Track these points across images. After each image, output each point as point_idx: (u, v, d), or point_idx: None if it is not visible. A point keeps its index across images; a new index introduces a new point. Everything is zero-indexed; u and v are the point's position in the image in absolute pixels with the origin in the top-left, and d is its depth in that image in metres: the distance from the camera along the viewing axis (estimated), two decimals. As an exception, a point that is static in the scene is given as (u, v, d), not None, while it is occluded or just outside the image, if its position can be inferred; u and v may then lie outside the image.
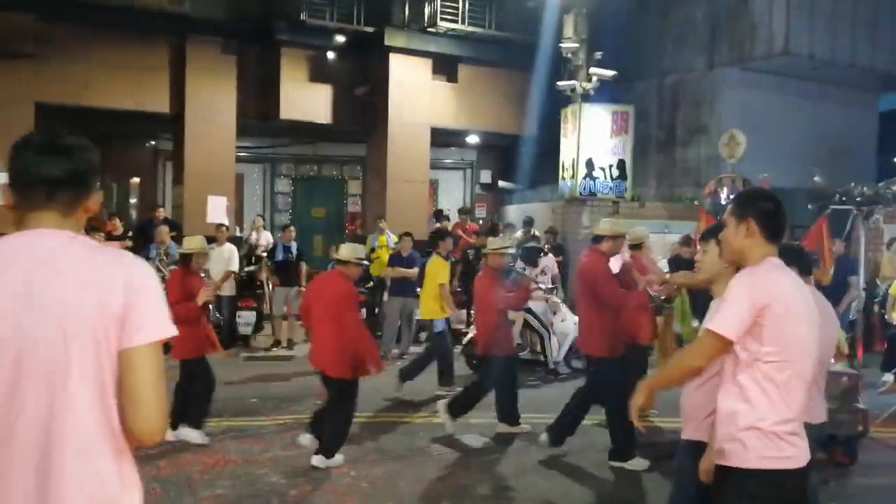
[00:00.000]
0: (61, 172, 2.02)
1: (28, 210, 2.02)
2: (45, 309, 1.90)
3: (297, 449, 7.25)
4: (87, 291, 1.92)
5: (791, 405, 2.99)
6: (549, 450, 7.40)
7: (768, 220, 3.13)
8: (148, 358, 1.95)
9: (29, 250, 1.96)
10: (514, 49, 16.30)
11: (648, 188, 17.33)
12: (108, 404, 1.94)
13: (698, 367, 3.10)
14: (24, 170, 2.02)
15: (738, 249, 3.18)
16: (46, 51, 13.81)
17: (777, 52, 15.75)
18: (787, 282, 3.08)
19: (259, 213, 16.56)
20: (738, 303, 2.96)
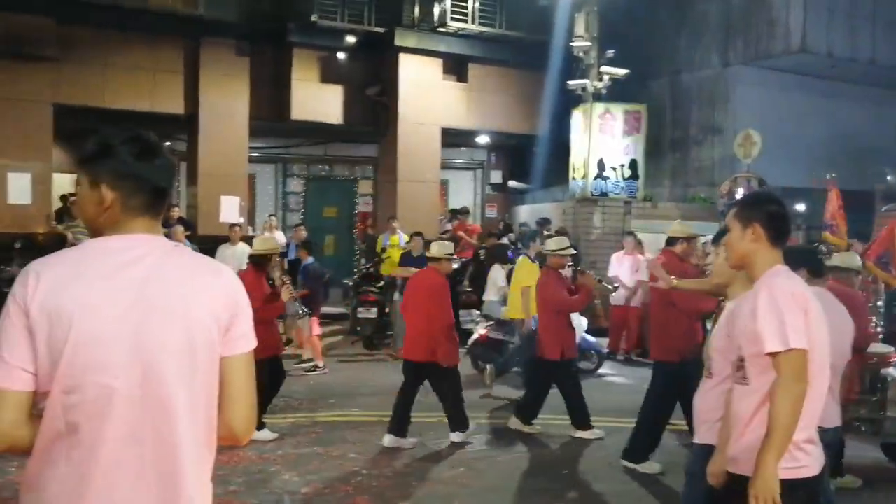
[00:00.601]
0: (167, 183, 2.13)
1: (132, 214, 2.06)
2: (169, 315, 1.98)
3: (310, 447, 7.30)
4: (204, 301, 2.04)
5: (809, 411, 2.95)
6: (561, 449, 7.41)
7: (774, 223, 3.12)
8: (248, 364, 2.13)
9: (141, 255, 2.02)
10: (525, 48, 16.28)
11: (662, 188, 17.24)
12: (214, 407, 2.08)
13: (804, 392, 2.89)
14: (135, 175, 2.05)
15: (743, 254, 3.17)
16: (64, 53, 13.91)
17: (794, 50, 15.50)
18: (806, 288, 3.09)
19: (271, 213, 16.61)
20: (792, 311, 2.91)
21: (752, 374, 3.01)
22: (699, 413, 3.91)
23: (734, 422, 3.12)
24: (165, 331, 1.97)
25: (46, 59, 13.72)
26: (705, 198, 15.94)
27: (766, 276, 3.06)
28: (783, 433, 2.86)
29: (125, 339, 1.94)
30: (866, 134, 16.95)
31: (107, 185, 2.04)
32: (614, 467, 6.95)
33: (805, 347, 2.87)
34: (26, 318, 1.91)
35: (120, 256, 2.00)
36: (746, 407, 3.02)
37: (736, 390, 3.14)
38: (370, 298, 12.84)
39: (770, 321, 2.90)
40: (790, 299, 2.93)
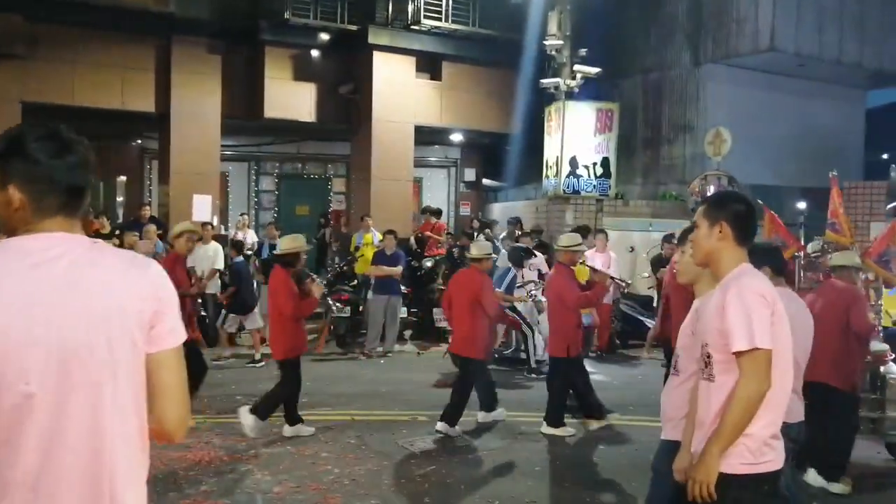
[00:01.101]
0: (83, 181, 2.04)
1: (44, 214, 1.98)
2: (87, 314, 1.90)
3: (282, 446, 7.29)
4: (125, 298, 1.96)
5: (775, 408, 3.02)
6: (537, 447, 7.47)
7: (740, 222, 3.17)
8: (177, 358, 2.06)
9: (58, 254, 1.94)
10: (498, 47, 16.34)
11: (634, 186, 17.37)
12: (143, 406, 2.01)
13: (766, 392, 2.94)
14: (51, 176, 1.97)
15: (709, 251, 3.22)
16: (33, 51, 13.81)
17: (763, 49, 15.73)
18: (772, 286, 3.15)
19: (243, 212, 16.54)
20: (759, 310, 2.96)
21: (718, 370, 3.06)
22: (665, 410, 3.95)
23: (700, 418, 3.16)
24: (84, 332, 1.89)
25: (14, 57, 13.60)
26: (676, 195, 16.08)
27: (733, 275, 3.11)
28: (733, 429, 2.94)
29: (42, 342, 1.85)
30: (834, 132, 17.21)
31: (15, 186, 1.95)
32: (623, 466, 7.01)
33: (769, 347, 2.93)
34: None
35: (36, 257, 1.92)
36: (712, 403, 3.06)
37: (702, 386, 3.18)
38: (343, 297, 12.83)
39: (737, 320, 2.95)
40: (757, 298, 2.98)
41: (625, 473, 6.77)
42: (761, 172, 16.21)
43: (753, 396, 2.92)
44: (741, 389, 2.92)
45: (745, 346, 2.92)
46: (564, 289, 7.86)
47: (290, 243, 7.96)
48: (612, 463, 7.15)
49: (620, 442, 7.80)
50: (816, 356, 4.68)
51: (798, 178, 17.01)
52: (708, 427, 3.06)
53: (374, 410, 8.87)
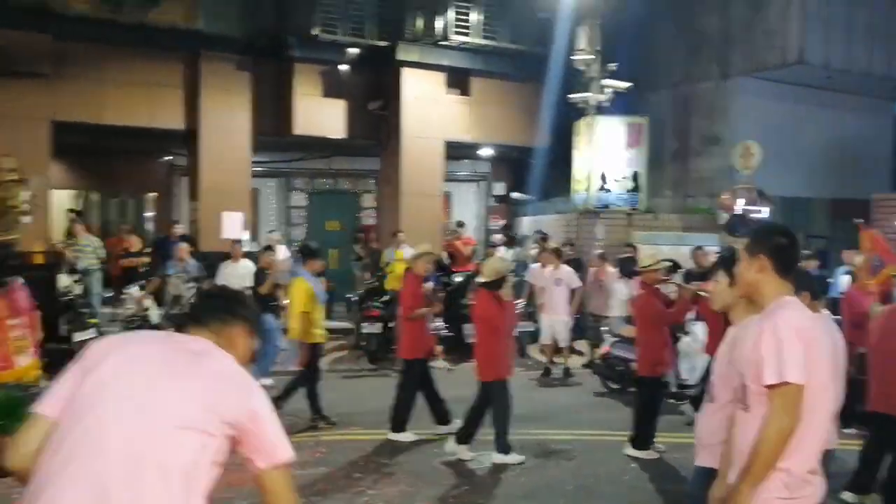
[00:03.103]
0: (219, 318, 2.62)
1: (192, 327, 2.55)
2: (185, 402, 2.25)
3: (315, 467, 7.28)
4: (227, 393, 2.35)
5: (812, 443, 2.98)
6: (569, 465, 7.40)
7: (780, 255, 3.16)
8: (286, 480, 2.43)
9: (191, 346, 2.40)
10: (527, 61, 16.32)
11: (663, 199, 17.26)
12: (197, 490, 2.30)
13: (794, 427, 2.91)
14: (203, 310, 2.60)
15: (750, 283, 3.23)
16: (62, 70, 13.90)
17: (792, 62, 15.60)
18: (813, 320, 3.11)
19: (273, 229, 16.60)
20: (792, 345, 2.92)
21: (753, 402, 3.03)
22: (700, 436, 3.97)
23: (736, 448, 3.14)
24: (173, 416, 2.21)
25: (44, 76, 13.72)
26: (706, 208, 15.96)
27: (772, 307, 3.09)
28: (762, 465, 2.90)
29: (127, 401, 2.20)
30: (862, 144, 17.06)
31: None
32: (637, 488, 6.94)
33: (800, 382, 2.89)
34: (81, 368, 2.29)
35: (172, 340, 2.42)
36: (747, 434, 3.03)
37: (739, 416, 3.16)
38: (374, 313, 12.82)
39: (769, 353, 2.93)
40: (792, 332, 2.94)
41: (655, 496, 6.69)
42: (791, 184, 16.11)
43: (782, 431, 2.89)
44: (768, 425, 2.90)
45: (774, 380, 2.89)
46: (649, 307, 7.76)
47: (419, 248, 8.85)
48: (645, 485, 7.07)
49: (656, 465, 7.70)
50: None
51: (827, 190, 16.89)
52: (743, 459, 3.03)
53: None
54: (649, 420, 7.77)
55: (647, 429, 7.77)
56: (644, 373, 7.77)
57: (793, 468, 2.91)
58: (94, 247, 13.83)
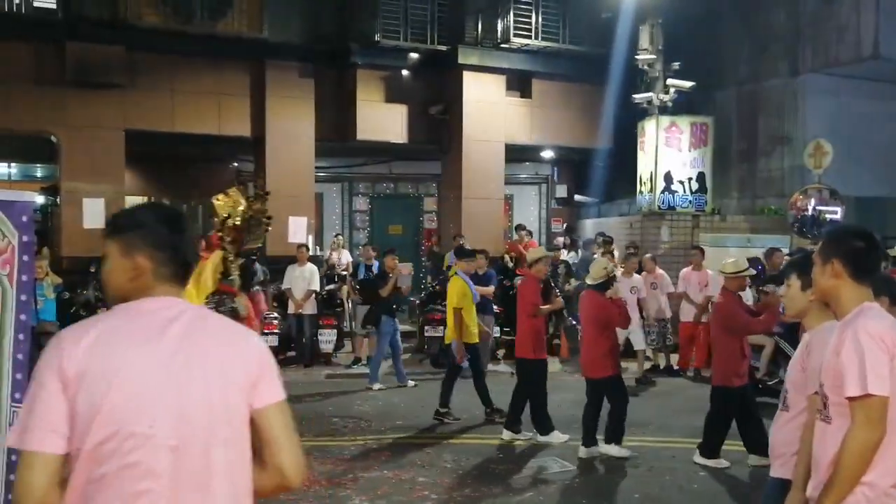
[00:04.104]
0: (194, 258, 2.34)
1: (161, 281, 2.20)
2: (204, 373, 2.09)
3: (379, 470, 7.32)
4: (234, 359, 2.16)
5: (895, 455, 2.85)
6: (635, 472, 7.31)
7: (854, 260, 3.01)
8: (283, 411, 2.22)
9: (170, 315, 2.14)
10: (589, 62, 16.18)
11: (730, 200, 16.92)
12: (247, 461, 2.16)
13: (879, 440, 2.79)
14: (171, 246, 2.21)
15: (825, 290, 3.10)
16: (134, 80, 14.30)
17: (866, 56, 14.93)
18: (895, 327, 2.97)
19: (338, 233, 16.77)
20: (875, 354, 2.79)
21: (835, 413, 2.92)
22: (774, 447, 3.85)
23: (816, 461, 3.03)
24: (205, 387, 2.08)
25: (117, 87, 14.14)
26: (775, 209, 15.58)
27: (852, 315, 2.96)
28: (846, 481, 2.79)
29: (165, 393, 2.04)
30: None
31: (142, 255, 2.17)
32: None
33: (884, 394, 2.76)
34: (62, 383, 1.99)
35: (154, 317, 2.13)
36: (828, 447, 2.93)
37: (818, 428, 3.05)
38: (436, 317, 12.85)
39: (851, 363, 2.81)
40: (874, 341, 2.81)
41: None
42: (865, 184, 15.58)
43: (866, 446, 2.77)
44: (851, 438, 2.78)
45: (857, 392, 2.77)
46: (731, 316, 7.44)
47: (536, 253, 9.06)
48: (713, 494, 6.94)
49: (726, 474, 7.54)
50: None
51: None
52: (823, 472, 2.93)
53: (469, 433, 8.83)
54: (719, 430, 7.56)
55: (715, 438, 7.58)
56: (718, 382, 7.49)
57: (876, 482, 2.79)
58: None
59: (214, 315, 2.30)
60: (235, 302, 7.45)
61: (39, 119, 14.08)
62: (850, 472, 2.78)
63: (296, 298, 12.64)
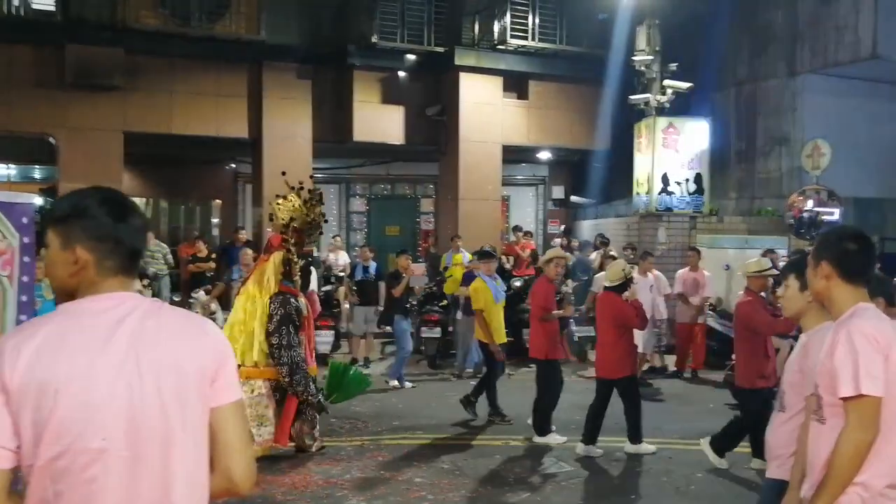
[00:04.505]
0: (143, 245, 2.12)
1: (107, 275, 2.04)
2: (156, 370, 1.97)
3: (376, 471, 7.32)
4: (189, 352, 2.03)
5: (890, 456, 2.83)
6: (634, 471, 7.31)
7: (844, 262, 3.01)
8: (240, 412, 2.13)
9: (123, 314, 2.00)
10: (586, 63, 16.21)
11: (728, 201, 16.92)
12: (206, 462, 2.07)
13: (872, 440, 2.79)
14: (118, 238, 2.04)
15: (817, 291, 3.12)
16: (133, 82, 14.34)
17: (865, 57, 14.88)
18: (893, 328, 2.94)
19: (335, 235, 16.77)
20: (869, 355, 2.79)
21: (829, 413, 2.92)
22: (771, 448, 3.84)
23: (810, 461, 3.03)
24: (158, 389, 1.96)
25: (115, 89, 14.17)
26: (773, 211, 15.58)
27: (846, 315, 2.95)
28: (838, 481, 2.79)
29: (116, 402, 1.92)
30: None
31: (83, 247, 2.01)
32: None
33: (877, 394, 2.76)
34: (5, 394, 1.88)
35: (102, 318, 1.98)
36: (822, 447, 2.92)
37: (813, 428, 3.05)
38: (433, 318, 12.85)
39: (844, 364, 2.80)
40: (868, 342, 2.81)
41: None
42: (863, 185, 15.58)
43: (859, 446, 2.77)
44: (844, 439, 2.78)
45: (850, 392, 2.77)
46: (754, 316, 7.30)
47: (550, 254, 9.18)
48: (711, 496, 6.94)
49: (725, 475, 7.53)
50: None
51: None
52: (818, 472, 2.92)
53: (466, 434, 8.82)
54: (738, 433, 7.51)
55: (732, 440, 7.54)
56: (742, 384, 7.34)
57: (870, 482, 2.79)
58: (163, 253, 14.48)
59: (169, 309, 2.10)
60: (298, 301, 7.69)
61: (39, 120, 14.13)
62: (843, 473, 2.77)
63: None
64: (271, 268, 7.67)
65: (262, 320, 7.45)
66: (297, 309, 7.61)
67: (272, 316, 7.44)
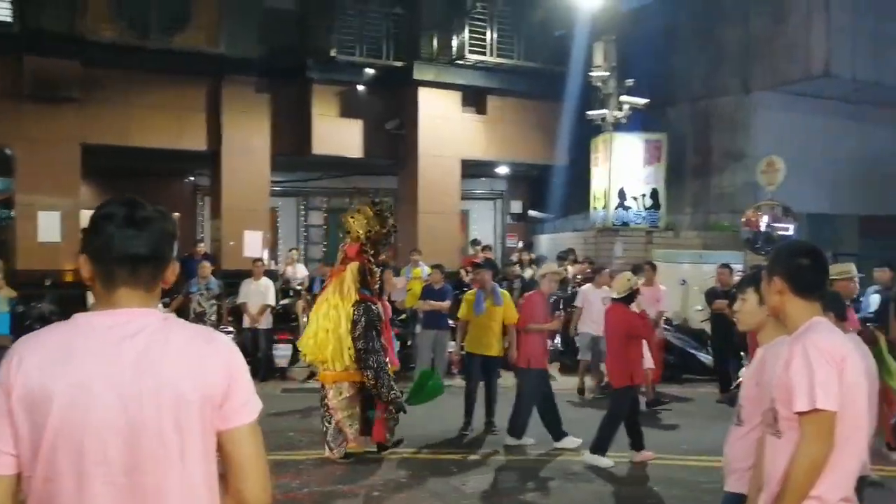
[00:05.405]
0: (146, 250, 2.00)
1: (110, 286, 1.99)
2: (156, 396, 1.91)
3: (334, 484, 7.28)
4: (194, 377, 1.96)
5: (846, 470, 2.89)
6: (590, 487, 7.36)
7: (796, 277, 3.04)
8: (253, 434, 2.05)
9: (127, 332, 1.95)
10: (543, 79, 16.37)
11: (684, 215, 17.15)
12: (214, 488, 2.03)
13: (826, 456, 2.82)
14: (108, 246, 1.97)
15: (773, 307, 3.15)
16: (91, 94, 14.17)
17: (817, 74, 15.28)
18: (846, 342, 3.00)
19: (293, 247, 16.70)
20: (824, 370, 2.82)
21: (785, 427, 2.95)
22: (729, 461, 3.84)
23: (767, 474, 3.05)
24: (157, 414, 1.91)
25: (73, 101, 14.00)
26: (728, 225, 15.82)
27: (802, 330, 2.98)
28: (794, 494, 2.81)
29: (112, 425, 1.88)
30: (892, 158, 16.73)
31: (87, 258, 2.00)
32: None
33: (832, 409, 2.79)
34: (8, 399, 1.87)
35: (106, 336, 1.93)
36: (778, 460, 2.95)
37: (769, 441, 3.07)
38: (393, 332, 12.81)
39: (800, 378, 2.83)
40: (823, 356, 2.84)
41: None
42: (817, 201, 15.88)
43: (814, 460, 2.80)
44: (800, 453, 2.81)
45: (805, 407, 2.80)
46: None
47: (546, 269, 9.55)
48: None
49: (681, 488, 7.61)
50: None
51: (856, 206, 16.57)
52: (774, 486, 2.95)
53: (424, 448, 8.80)
54: None
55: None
56: None
57: (825, 496, 2.83)
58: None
59: (178, 327, 2.04)
60: (378, 308, 8.18)
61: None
62: (799, 486, 2.79)
63: (251, 313, 12.55)
64: (349, 277, 8.14)
65: (347, 327, 7.96)
66: (378, 315, 8.12)
67: (356, 322, 7.97)
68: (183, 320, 2.14)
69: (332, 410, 8.05)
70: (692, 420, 10.23)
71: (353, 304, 8.00)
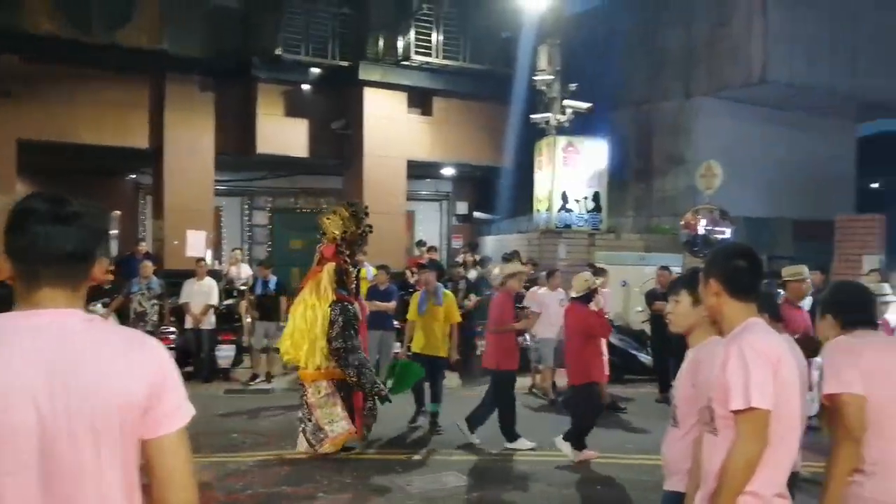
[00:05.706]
0: (73, 248, 1.88)
1: (34, 285, 1.87)
2: (74, 400, 1.80)
3: (277, 486, 7.25)
4: (113, 382, 1.85)
5: (781, 466, 2.97)
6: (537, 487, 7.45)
7: (732, 279, 3.10)
8: (181, 442, 1.95)
9: (48, 333, 1.84)
10: (489, 81, 16.49)
11: (626, 218, 17.41)
12: (134, 498, 1.93)
13: (760, 453, 2.89)
14: (30, 244, 1.84)
15: (710, 308, 3.21)
16: (29, 89, 13.87)
17: (755, 81, 15.64)
18: (781, 343, 3.08)
19: (237, 247, 16.52)
20: (759, 369, 2.89)
21: (721, 425, 3.02)
22: (668, 462, 3.90)
23: (704, 472, 3.13)
24: (69, 418, 1.79)
25: (11, 96, 13.67)
26: (668, 228, 16.10)
27: (738, 331, 3.05)
28: (730, 491, 2.89)
29: (26, 430, 1.78)
30: (826, 164, 17.22)
31: (9, 257, 1.86)
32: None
33: (767, 407, 2.87)
34: None
35: (24, 335, 1.82)
36: (715, 458, 3.02)
37: (706, 440, 3.14)
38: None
39: (736, 378, 2.90)
40: (758, 356, 2.91)
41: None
42: (754, 204, 16.25)
43: (749, 458, 2.88)
44: (735, 450, 2.89)
45: (741, 406, 2.87)
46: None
47: (511, 268, 9.51)
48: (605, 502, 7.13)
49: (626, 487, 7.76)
50: None
51: (791, 211, 16.99)
52: (711, 482, 3.03)
53: (369, 448, 8.81)
54: None
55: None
56: None
57: (760, 491, 2.90)
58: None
59: (100, 328, 1.92)
60: (354, 307, 8.31)
61: (-74, 127, 13.51)
62: (735, 482, 2.87)
63: (194, 313, 12.40)
64: (326, 278, 8.24)
65: (324, 327, 8.09)
66: (355, 314, 8.22)
67: (333, 322, 8.09)
68: (112, 322, 2.04)
69: (311, 408, 8.13)
70: (634, 419, 10.40)
71: (331, 305, 8.10)
